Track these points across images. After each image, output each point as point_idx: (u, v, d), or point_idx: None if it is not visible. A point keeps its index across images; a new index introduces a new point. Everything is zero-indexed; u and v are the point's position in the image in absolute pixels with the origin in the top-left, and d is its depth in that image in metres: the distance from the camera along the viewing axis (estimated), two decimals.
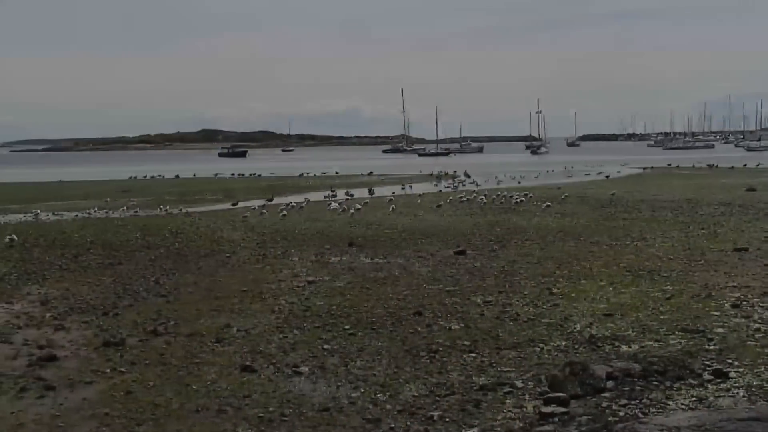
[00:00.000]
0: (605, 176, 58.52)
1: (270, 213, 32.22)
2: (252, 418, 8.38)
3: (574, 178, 58.99)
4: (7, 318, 13.62)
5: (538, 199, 35.53)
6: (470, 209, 32.91)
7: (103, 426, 8.23)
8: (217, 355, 10.92)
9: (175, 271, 18.23)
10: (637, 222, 26.12)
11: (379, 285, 15.86)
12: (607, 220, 26.88)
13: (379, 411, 8.54)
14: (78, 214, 33.91)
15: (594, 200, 35.84)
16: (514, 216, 29.32)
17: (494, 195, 37.77)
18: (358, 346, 11.25)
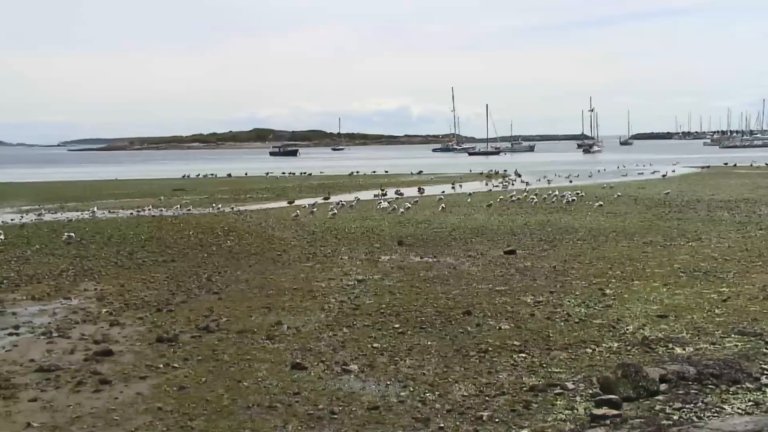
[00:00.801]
0: (660, 175, 57.52)
1: (320, 212, 32.41)
2: (302, 416, 8.44)
3: (626, 177, 58.10)
4: (65, 313, 13.95)
5: (590, 199, 35.12)
6: (521, 208, 32.68)
7: (157, 420, 8.37)
8: (268, 353, 11.02)
9: (227, 268, 18.45)
10: (693, 222, 25.65)
11: (428, 284, 15.84)
12: (661, 220, 26.45)
13: (428, 410, 8.52)
14: (133, 212, 34.54)
15: (648, 200, 35.28)
16: (566, 215, 29.03)
17: (545, 194, 37.40)
18: (407, 344, 11.25)
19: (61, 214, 34.63)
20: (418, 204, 34.98)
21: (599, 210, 30.55)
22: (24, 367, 10.47)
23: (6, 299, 15.26)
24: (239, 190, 50.32)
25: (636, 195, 38.28)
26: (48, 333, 12.40)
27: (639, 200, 35.17)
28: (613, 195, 37.53)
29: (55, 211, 36.73)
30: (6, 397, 9.21)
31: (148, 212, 34.40)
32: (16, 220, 31.85)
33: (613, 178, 56.04)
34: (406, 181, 59.50)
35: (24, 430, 8.13)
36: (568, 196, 35.26)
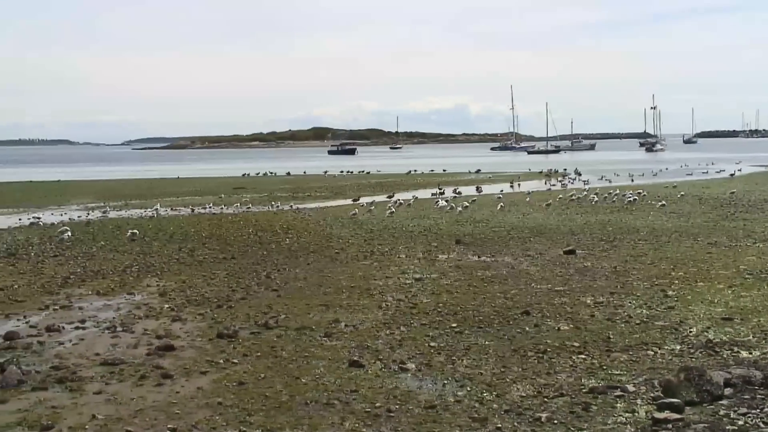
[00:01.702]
0: (726, 174, 56.12)
1: (378, 210, 32.49)
2: (359, 413, 8.47)
3: (691, 176, 56.85)
4: (129, 308, 14.27)
5: (653, 198, 34.49)
6: (581, 208, 32.26)
7: (217, 415, 8.50)
8: (326, 350, 11.09)
9: (285, 266, 18.64)
10: (760, 222, 24.97)
11: (486, 283, 15.75)
12: (727, 220, 25.82)
13: (485, 410, 8.47)
14: (194, 210, 35.13)
15: (712, 199, 34.48)
16: (627, 215, 28.56)
17: (606, 193, 36.85)
18: (464, 344, 11.21)
19: (126, 212, 35.45)
20: (476, 203, 34.83)
21: (662, 210, 29.97)
22: (89, 361, 10.75)
23: (73, 294, 15.68)
24: (298, 189, 50.78)
25: (700, 194, 37.45)
26: (112, 327, 12.70)
27: (703, 200, 34.40)
28: (677, 194, 36.77)
29: (119, 208, 37.62)
30: (73, 389, 9.47)
31: (209, 210, 34.95)
32: (83, 217, 32.70)
33: (676, 177, 54.87)
34: (464, 179, 59.28)
35: (89, 421, 8.34)
36: (629, 195, 34.66)
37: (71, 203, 41.66)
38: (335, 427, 8.10)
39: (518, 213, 30.40)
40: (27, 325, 12.98)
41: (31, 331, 12.57)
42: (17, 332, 12.27)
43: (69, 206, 39.85)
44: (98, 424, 8.24)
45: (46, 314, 13.90)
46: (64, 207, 39.34)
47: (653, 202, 32.82)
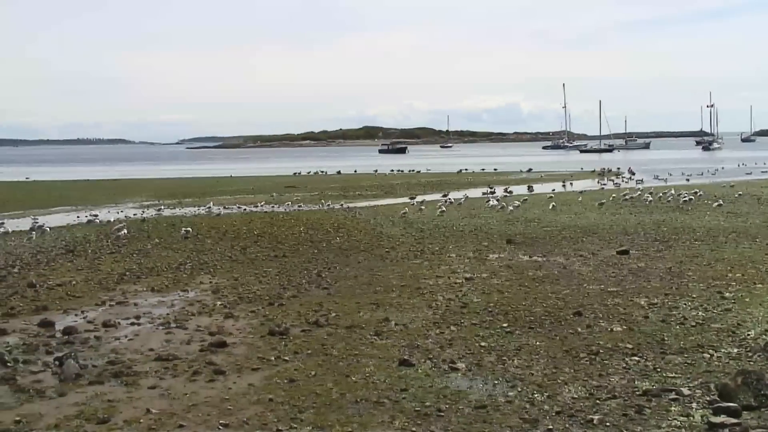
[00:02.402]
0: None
1: (428, 209, 32.44)
2: (409, 412, 8.48)
3: (750, 175, 55.52)
4: (182, 305, 14.50)
5: (709, 198, 33.78)
6: (634, 208, 31.77)
7: (268, 411, 8.58)
8: (376, 348, 11.12)
9: (336, 264, 18.73)
10: None
11: (537, 283, 15.61)
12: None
13: (536, 411, 8.40)
14: (246, 208, 35.53)
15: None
16: (682, 215, 28.03)
17: (660, 193, 36.22)
18: (515, 344, 11.13)
19: (179, 210, 36.02)
20: (527, 202, 34.55)
21: (718, 210, 29.34)
22: (144, 356, 10.95)
23: (128, 290, 15.99)
24: (349, 187, 50.98)
25: (759, 194, 36.54)
26: (166, 324, 12.92)
27: (762, 200, 33.57)
28: (734, 194, 35.96)
29: (173, 206, 38.25)
30: (128, 383, 9.66)
31: (260, 208, 35.29)
32: (138, 215, 33.31)
33: (734, 176, 53.61)
34: (516, 179, 58.87)
35: (144, 416, 8.50)
36: (685, 195, 34.00)
37: (127, 201, 42.52)
38: (385, 425, 8.12)
39: (570, 212, 30.07)
40: (84, 321, 13.29)
41: (89, 326, 12.86)
42: (75, 327, 12.57)
43: (125, 204, 40.69)
44: (152, 419, 8.39)
45: (102, 310, 14.21)
46: (120, 205, 40.19)
47: (710, 202, 32.15)
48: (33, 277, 17.47)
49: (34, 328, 12.70)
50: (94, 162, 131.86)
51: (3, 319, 13.39)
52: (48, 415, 8.57)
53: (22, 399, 9.17)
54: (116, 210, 36.95)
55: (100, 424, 8.24)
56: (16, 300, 15.05)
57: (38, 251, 21.91)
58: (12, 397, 9.26)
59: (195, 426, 8.21)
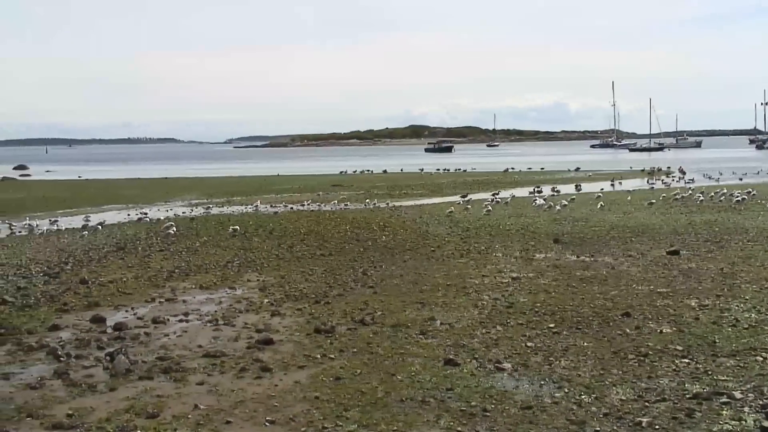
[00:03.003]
0: None
1: (474, 208, 32.31)
2: (454, 411, 8.45)
3: None
4: (230, 302, 14.66)
5: (763, 198, 33.05)
6: (685, 207, 31.22)
7: (314, 409, 8.63)
8: (421, 347, 11.10)
9: (382, 263, 18.75)
10: None
11: (585, 284, 15.44)
12: None
13: (583, 413, 8.31)
14: (293, 207, 35.78)
15: None
16: (735, 215, 27.45)
17: (712, 192, 35.53)
18: (562, 345, 11.02)
19: (227, 208, 36.42)
20: (575, 201, 34.20)
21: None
22: (192, 352, 11.10)
23: (177, 287, 16.22)
24: (395, 186, 51.00)
25: None
26: (214, 321, 13.08)
27: None
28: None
29: (221, 205, 38.69)
30: (177, 379, 9.81)
31: (307, 207, 35.50)
32: (187, 213, 33.79)
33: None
34: (563, 178, 58.30)
35: (192, 411, 8.61)
36: (737, 194, 33.30)
37: (176, 200, 43.14)
38: (430, 424, 8.11)
39: (619, 212, 29.67)
40: (135, 317, 13.53)
41: (139, 322, 13.09)
42: (126, 323, 12.81)
43: (174, 202, 41.30)
44: (200, 414, 8.50)
45: (152, 306, 14.44)
46: (169, 203, 40.80)
47: (763, 201, 31.46)
48: (85, 274, 17.84)
49: (86, 324, 12.97)
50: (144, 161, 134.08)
51: (56, 315, 13.70)
52: (99, 409, 8.74)
53: (75, 393, 9.37)
54: (166, 208, 37.52)
55: (149, 419, 8.37)
56: (69, 296, 15.38)
57: (90, 248, 22.36)
58: (65, 391, 9.47)
59: (242, 422, 8.29)
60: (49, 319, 13.30)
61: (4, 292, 15.81)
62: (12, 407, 8.87)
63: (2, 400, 9.14)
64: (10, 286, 16.46)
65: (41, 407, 8.83)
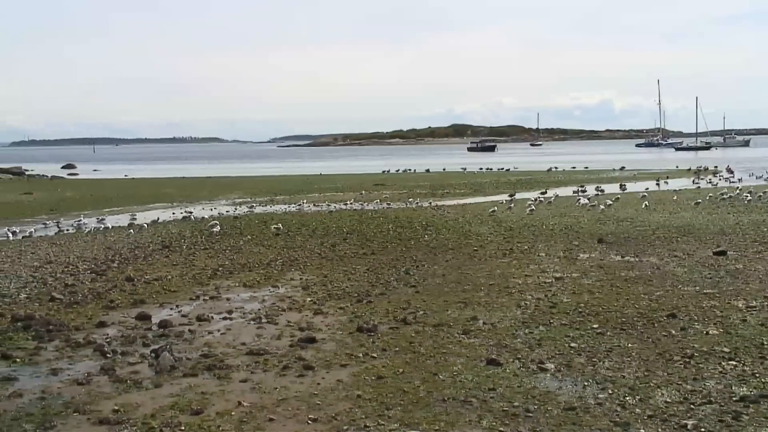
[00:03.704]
0: None
1: (517, 207, 32.11)
2: (497, 411, 8.41)
3: None
4: (273, 300, 14.77)
5: None
6: (732, 207, 30.63)
7: (356, 407, 8.66)
8: (464, 347, 11.07)
9: (424, 262, 18.73)
10: None
11: (630, 284, 15.25)
12: None
13: (627, 414, 8.21)
14: (336, 206, 35.91)
15: None
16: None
17: (760, 192, 34.82)
18: (606, 345, 10.90)
19: (271, 207, 36.70)
20: (619, 201, 33.80)
21: None
22: (236, 350, 11.21)
23: (221, 286, 16.39)
24: (437, 186, 50.90)
25: None
26: (257, 319, 13.19)
27: None
28: None
29: (265, 204, 39.00)
30: (220, 376, 9.91)
31: (349, 206, 35.60)
32: (231, 212, 34.13)
33: None
34: (607, 177, 57.64)
35: (235, 408, 8.70)
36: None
37: (220, 198, 43.61)
38: (472, 424, 8.08)
39: (664, 212, 29.24)
40: (179, 314, 13.70)
41: (183, 319, 13.26)
42: (170, 321, 12.98)
43: (218, 201, 41.74)
44: (243, 411, 8.58)
45: (196, 304, 14.61)
46: (214, 202, 41.26)
47: None
48: (131, 272, 18.13)
49: (132, 321, 13.17)
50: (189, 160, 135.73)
51: (103, 312, 13.94)
52: (144, 405, 8.88)
53: (120, 389, 9.52)
54: (210, 207, 37.95)
55: (193, 416, 8.48)
56: (115, 293, 15.64)
57: (136, 246, 22.71)
58: (111, 386, 9.63)
59: (284, 420, 8.35)
60: (96, 316, 13.55)
61: (52, 289, 16.15)
62: (60, 402, 9.06)
63: (50, 395, 9.34)
64: (59, 284, 16.80)
65: (88, 403, 8.99)
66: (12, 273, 18.14)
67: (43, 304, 14.72)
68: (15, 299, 15.21)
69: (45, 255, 21.15)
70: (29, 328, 12.55)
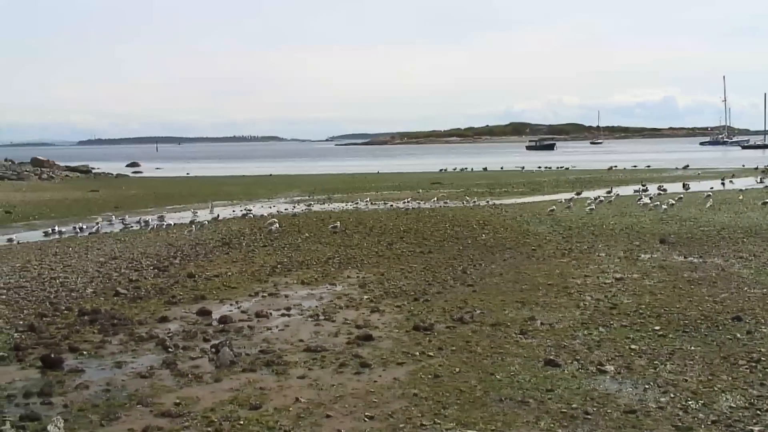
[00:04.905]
0: None
1: (577, 207, 31.70)
2: (554, 413, 8.32)
3: None
4: (330, 298, 14.86)
5: None
6: None
7: (412, 406, 8.66)
8: (521, 347, 10.98)
9: (481, 261, 18.63)
10: None
11: (693, 285, 14.92)
12: None
13: (690, 419, 8.04)
14: (392, 204, 35.94)
15: None
16: None
17: None
18: (668, 348, 10.68)
19: (328, 205, 36.93)
20: (682, 200, 33.07)
21: None
22: (294, 347, 11.31)
23: (279, 282, 16.56)
24: (495, 184, 50.57)
25: None
26: (315, 316, 13.29)
27: None
28: None
29: (322, 202, 39.27)
30: (279, 372, 10.02)
31: (406, 205, 35.59)
32: (289, 210, 34.45)
33: None
34: (670, 176, 56.48)
35: (293, 404, 8.78)
36: None
37: (279, 196, 44.05)
38: (530, 425, 8.01)
39: (730, 212, 28.52)
40: (239, 311, 13.89)
41: (242, 316, 13.43)
42: (230, 316, 13.16)
43: (277, 199, 42.18)
44: (301, 407, 8.66)
45: (255, 301, 14.79)
46: (272, 200, 41.70)
47: None
48: (192, 268, 18.44)
49: (193, 316, 13.40)
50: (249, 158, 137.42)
51: (165, 307, 14.21)
52: (204, 399, 9.03)
53: (182, 383, 9.70)
54: (269, 205, 38.36)
55: (252, 410, 8.59)
56: (177, 289, 15.94)
57: (197, 243, 23.10)
58: (172, 380, 9.82)
59: (341, 417, 8.40)
60: (158, 311, 13.83)
61: (117, 284, 16.54)
62: (124, 394, 9.27)
63: (115, 387, 9.57)
64: (123, 279, 17.19)
65: (150, 395, 9.19)
66: (79, 268, 18.63)
67: (108, 298, 15.09)
68: (82, 294, 15.62)
69: (110, 251, 21.67)
70: (95, 321, 12.90)
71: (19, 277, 17.37)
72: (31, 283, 16.65)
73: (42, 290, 15.91)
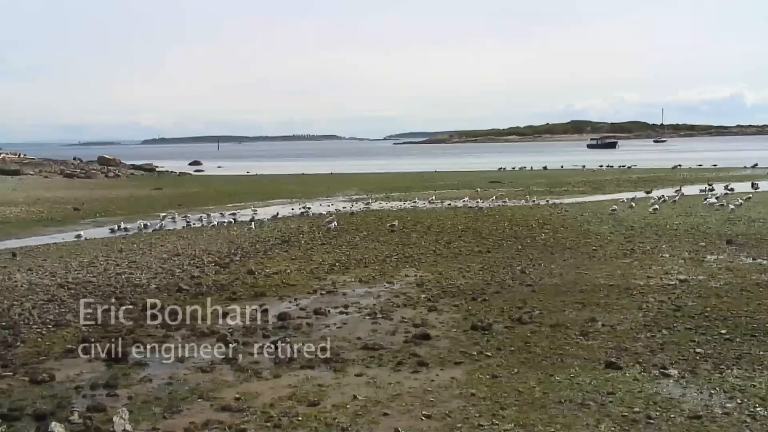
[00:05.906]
0: None
1: (639, 206, 31.11)
2: (615, 416, 8.17)
3: None
4: (388, 296, 14.87)
5: None
6: None
7: (470, 406, 8.60)
8: (581, 349, 10.82)
9: (540, 261, 18.42)
10: None
11: (762, 288, 14.49)
12: None
13: (759, 426, 7.81)
14: (450, 203, 35.81)
15: None
16: None
17: None
18: (735, 352, 10.40)
19: (386, 204, 36.97)
20: (751, 200, 32.17)
21: None
22: (351, 344, 11.35)
23: (337, 280, 16.64)
24: (554, 183, 49.97)
25: None
26: (373, 314, 13.32)
27: None
28: None
29: (380, 200, 39.32)
30: (336, 369, 10.06)
31: (464, 203, 35.41)
32: (347, 208, 34.60)
33: None
34: (738, 175, 54.98)
35: (351, 401, 8.81)
36: None
37: (337, 195, 44.27)
38: (590, 428, 7.89)
39: None
40: (297, 308, 14.00)
41: (301, 313, 13.54)
42: (289, 313, 13.29)
43: (335, 197, 42.40)
44: (358, 405, 8.68)
45: (314, 298, 14.89)
46: (331, 198, 41.94)
47: None
48: (252, 265, 18.66)
49: (253, 313, 13.54)
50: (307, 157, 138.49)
51: (226, 303, 14.40)
52: (264, 394, 9.13)
53: (242, 378, 9.83)
54: (327, 203, 38.59)
55: (310, 407, 8.65)
56: (237, 285, 16.15)
57: (257, 241, 23.37)
58: (233, 375, 9.96)
59: (398, 415, 8.39)
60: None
61: (180, 280, 16.84)
62: (186, 388, 9.43)
63: (177, 381, 9.74)
64: (186, 275, 17.49)
65: (211, 390, 9.33)
66: (143, 264, 19.02)
67: (171, 294, 15.37)
68: (146, 289, 15.95)
69: (173, 248, 22.07)
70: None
71: (86, 273, 17.81)
72: (98, 278, 17.06)
73: (108, 285, 16.29)
